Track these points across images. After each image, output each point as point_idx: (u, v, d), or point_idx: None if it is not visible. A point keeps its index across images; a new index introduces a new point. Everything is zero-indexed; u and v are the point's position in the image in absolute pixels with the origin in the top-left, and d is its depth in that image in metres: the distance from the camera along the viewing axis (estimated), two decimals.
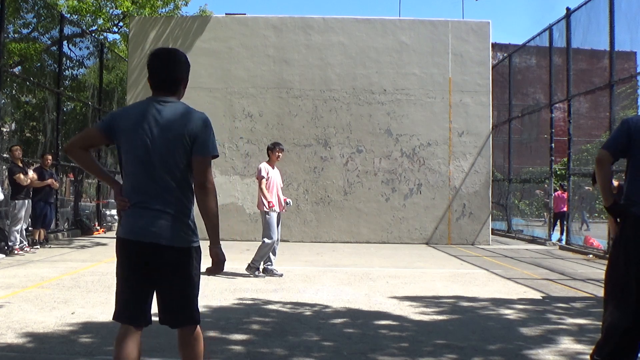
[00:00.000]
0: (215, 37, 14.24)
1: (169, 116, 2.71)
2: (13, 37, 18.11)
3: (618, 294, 3.31)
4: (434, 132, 14.17)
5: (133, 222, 2.70)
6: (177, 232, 2.69)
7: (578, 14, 12.73)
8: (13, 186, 10.15)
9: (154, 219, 2.67)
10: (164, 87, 2.79)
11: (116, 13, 20.49)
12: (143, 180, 2.70)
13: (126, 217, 2.74)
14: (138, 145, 2.69)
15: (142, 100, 2.83)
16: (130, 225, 2.71)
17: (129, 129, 2.72)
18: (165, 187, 2.69)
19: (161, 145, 2.68)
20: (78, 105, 18.97)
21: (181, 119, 2.72)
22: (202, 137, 2.70)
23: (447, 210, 14.07)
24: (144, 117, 2.72)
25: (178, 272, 2.72)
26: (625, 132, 3.38)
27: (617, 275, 3.35)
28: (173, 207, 2.69)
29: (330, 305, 6.01)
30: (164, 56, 2.84)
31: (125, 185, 2.77)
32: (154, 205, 2.68)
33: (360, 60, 14.28)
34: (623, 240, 3.34)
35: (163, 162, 2.68)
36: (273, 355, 4.14)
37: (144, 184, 2.70)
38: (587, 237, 12.89)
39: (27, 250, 10.30)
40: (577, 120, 16.55)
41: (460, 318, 5.54)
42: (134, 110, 2.79)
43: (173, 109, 2.74)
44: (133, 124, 2.72)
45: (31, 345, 4.24)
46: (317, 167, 14.15)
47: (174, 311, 2.76)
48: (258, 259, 7.99)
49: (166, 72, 2.79)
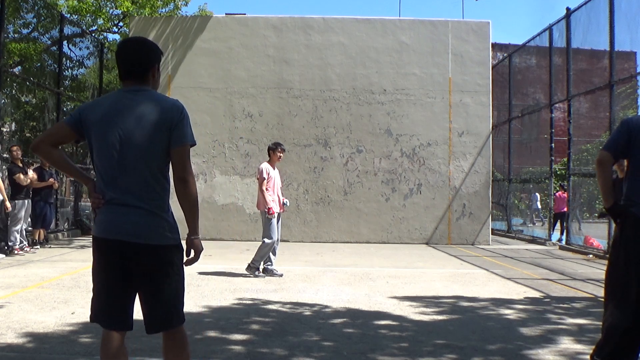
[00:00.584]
0: (215, 37, 14.24)
1: (142, 106, 2.59)
2: (13, 37, 18.10)
3: (618, 294, 3.31)
4: (434, 132, 14.17)
5: (108, 220, 2.57)
6: (154, 228, 2.57)
7: (578, 14, 12.73)
8: (13, 186, 10.14)
9: (129, 215, 2.54)
10: (133, 75, 2.67)
11: (116, 13, 20.48)
12: (117, 175, 2.57)
13: (101, 214, 2.61)
14: (110, 138, 2.56)
15: (112, 92, 2.74)
16: (105, 223, 2.58)
17: (100, 122, 2.59)
18: (140, 181, 2.56)
19: (135, 136, 2.55)
20: (78, 105, 18.97)
21: (156, 108, 2.60)
22: (179, 127, 2.59)
23: (447, 210, 14.08)
24: (115, 108, 2.61)
25: (159, 271, 2.59)
26: (625, 133, 3.38)
27: (617, 275, 3.35)
28: (149, 202, 2.57)
29: (330, 305, 6.01)
30: (131, 44, 2.78)
31: (98, 182, 2.64)
32: (129, 201, 2.55)
33: (360, 60, 14.28)
34: (623, 241, 3.34)
35: (137, 155, 2.55)
36: (273, 355, 4.14)
37: (118, 179, 2.57)
38: (587, 237, 12.89)
39: (27, 250, 10.30)
40: (577, 120, 16.55)
41: (460, 318, 5.54)
42: (104, 102, 2.67)
43: (146, 98, 2.63)
44: (103, 116, 2.60)
45: (31, 345, 4.24)
46: (317, 167, 14.15)
47: (159, 314, 2.62)
48: (258, 259, 7.99)
49: (134, 58, 2.68)
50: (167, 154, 2.61)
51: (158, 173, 2.60)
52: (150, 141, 2.56)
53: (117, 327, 2.62)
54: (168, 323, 2.65)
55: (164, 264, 2.61)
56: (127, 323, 2.65)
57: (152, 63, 2.72)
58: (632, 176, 3.40)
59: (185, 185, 2.60)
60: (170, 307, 2.64)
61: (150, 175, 2.58)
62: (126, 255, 2.56)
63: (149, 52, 2.73)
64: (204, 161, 14.00)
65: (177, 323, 2.67)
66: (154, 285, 2.61)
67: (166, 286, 2.62)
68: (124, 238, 2.54)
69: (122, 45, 2.76)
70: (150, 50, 2.74)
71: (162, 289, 2.62)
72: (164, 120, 2.58)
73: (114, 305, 2.61)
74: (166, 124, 2.58)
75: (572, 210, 13.54)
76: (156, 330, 2.66)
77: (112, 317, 2.62)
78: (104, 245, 2.60)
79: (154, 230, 2.57)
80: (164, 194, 2.63)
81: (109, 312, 2.62)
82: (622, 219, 3.38)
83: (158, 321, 2.64)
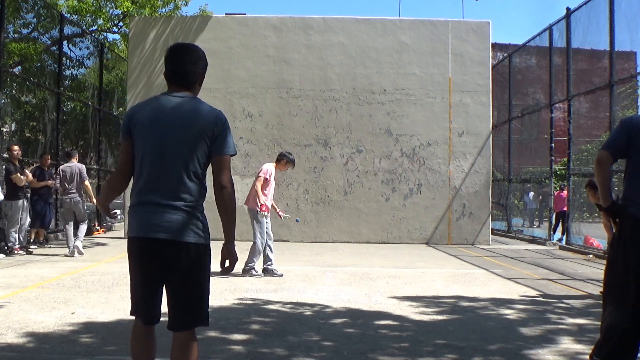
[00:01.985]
0: (215, 37, 14.24)
1: (186, 111, 2.67)
2: (13, 37, 18.11)
3: (617, 294, 3.31)
4: (434, 132, 14.17)
5: (144, 219, 2.64)
6: (188, 227, 2.62)
7: (578, 14, 12.73)
8: (9, 186, 10.07)
9: (164, 214, 2.60)
10: (178, 80, 2.75)
11: (116, 13, 20.50)
12: (155, 175, 2.64)
13: (137, 213, 2.68)
14: (153, 138, 2.65)
15: (157, 95, 2.80)
16: (141, 222, 2.65)
17: (144, 123, 2.68)
18: (178, 181, 2.63)
19: (177, 139, 2.63)
20: (78, 105, 18.97)
21: (200, 115, 2.67)
22: (221, 137, 2.67)
23: (447, 210, 14.07)
24: (160, 111, 2.69)
25: (188, 269, 2.64)
26: (625, 133, 3.38)
27: (616, 275, 3.35)
28: (186, 202, 2.63)
29: (330, 305, 6.01)
30: (180, 50, 2.81)
31: (136, 180, 2.71)
32: (165, 200, 2.61)
33: (360, 60, 14.28)
34: (622, 241, 3.34)
35: (177, 157, 2.63)
36: (273, 355, 4.14)
37: (157, 178, 2.64)
38: (587, 237, 12.89)
39: (27, 250, 10.28)
40: (577, 120, 16.54)
41: (460, 318, 5.54)
42: (149, 105, 2.76)
43: (192, 105, 2.71)
44: (147, 118, 2.69)
45: (31, 345, 4.24)
46: (317, 167, 14.15)
47: (184, 311, 2.66)
48: (250, 261, 7.99)
49: (181, 65, 2.75)
50: (206, 161, 2.70)
51: (195, 176, 2.66)
52: (191, 145, 2.64)
53: (145, 320, 2.72)
54: (197, 321, 2.69)
55: (194, 262, 2.65)
56: (154, 316, 2.74)
57: (199, 73, 2.81)
58: (630, 176, 3.40)
59: (225, 193, 2.66)
60: (198, 304, 2.68)
61: (187, 177, 2.64)
62: (159, 251, 2.62)
63: (197, 63, 2.79)
64: None
65: (203, 323, 2.71)
66: (184, 282, 2.65)
67: (196, 283, 2.68)
68: (158, 235, 2.60)
69: (172, 50, 2.81)
70: (201, 59, 2.81)
71: (192, 287, 2.67)
72: (208, 129, 2.65)
73: (144, 299, 2.70)
74: (210, 133, 2.66)
75: (571, 210, 13.53)
76: (181, 328, 2.67)
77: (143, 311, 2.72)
78: (138, 243, 2.66)
79: (188, 229, 2.63)
80: (199, 196, 2.69)
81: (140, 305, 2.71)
82: (620, 218, 3.39)
83: (185, 318, 2.67)
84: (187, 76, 2.76)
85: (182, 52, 2.80)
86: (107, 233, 15.56)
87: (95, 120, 16.37)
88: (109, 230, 16.41)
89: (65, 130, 17.62)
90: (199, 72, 2.80)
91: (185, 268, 2.64)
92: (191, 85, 2.78)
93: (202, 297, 2.70)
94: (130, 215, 2.73)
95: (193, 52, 2.81)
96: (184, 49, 2.82)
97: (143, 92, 14.12)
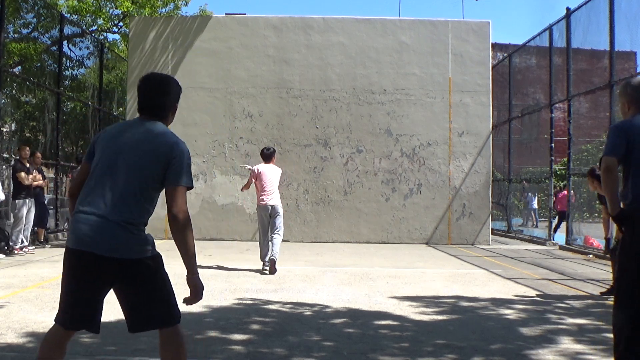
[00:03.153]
0: (215, 37, 14.24)
1: (147, 132, 2.70)
2: (13, 37, 18.12)
3: (626, 300, 3.30)
4: (434, 132, 14.17)
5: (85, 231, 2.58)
6: (133, 243, 2.60)
7: (578, 14, 12.72)
8: (15, 184, 10.11)
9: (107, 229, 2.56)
10: (149, 112, 2.79)
11: (116, 13, 20.51)
12: (104, 188, 2.62)
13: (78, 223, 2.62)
14: (109, 153, 2.68)
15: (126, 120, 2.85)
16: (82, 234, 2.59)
17: (105, 142, 2.74)
18: (125, 196, 2.61)
19: (132, 155, 2.65)
20: (78, 105, 18.99)
21: (159, 139, 2.68)
22: (176, 166, 2.64)
23: (447, 210, 14.07)
24: (122, 131, 2.76)
25: (141, 281, 2.64)
26: (623, 135, 3.38)
27: (629, 278, 3.33)
28: (130, 217, 2.60)
29: (330, 305, 6.01)
30: (153, 82, 2.83)
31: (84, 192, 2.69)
32: (111, 215, 2.58)
33: (360, 60, 14.27)
34: (635, 243, 3.31)
35: (130, 172, 2.63)
36: (273, 355, 4.14)
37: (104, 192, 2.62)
38: (587, 237, 12.89)
39: (26, 250, 10.27)
40: (577, 120, 16.55)
41: (460, 318, 5.54)
42: (114, 128, 2.83)
43: (154, 128, 2.73)
44: (109, 138, 2.75)
45: (31, 345, 4.24)
46: (317, 167, 14.15)
47: (148, 315, 2.66)
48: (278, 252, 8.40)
49: (153, 97, 2.79)
50: (159, 186, 2.68)
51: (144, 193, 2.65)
52: (145, 164, 2.64)
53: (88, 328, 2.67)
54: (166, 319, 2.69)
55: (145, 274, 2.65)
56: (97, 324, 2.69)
57: (172, 105, 2.84)
58: (635, 178, 3.38)
59: (179, 224, 2.60)
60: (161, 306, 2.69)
61: (136, 193, 2.63)
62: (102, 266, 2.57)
63: (170, 96, 2.82)
64: (204, 161, 13.99)
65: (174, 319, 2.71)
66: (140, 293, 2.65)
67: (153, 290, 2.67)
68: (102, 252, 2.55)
69: (144, 82, 2.82)
70: (172, 93, 2.83)
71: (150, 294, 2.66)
72: (164, 154, 2.65)
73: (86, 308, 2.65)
74: (165, 159, 2.64)
75: (571, 210, 13.53)
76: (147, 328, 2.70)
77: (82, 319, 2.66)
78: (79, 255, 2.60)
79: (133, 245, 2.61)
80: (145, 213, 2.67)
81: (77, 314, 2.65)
82: (629, 223, 3.36)
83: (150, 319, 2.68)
84: (158, 108, 2.79)
85: (156, 84, 2.82)
86: None
87: (95, 120, 16.37)
88: None
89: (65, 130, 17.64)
90: (171, 104, 2.83)
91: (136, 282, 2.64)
92: (163, 117, 2.81)
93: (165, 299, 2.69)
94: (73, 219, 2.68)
95: (166, 84, 2.82)
96: (156, 81, 2.83)
97: None
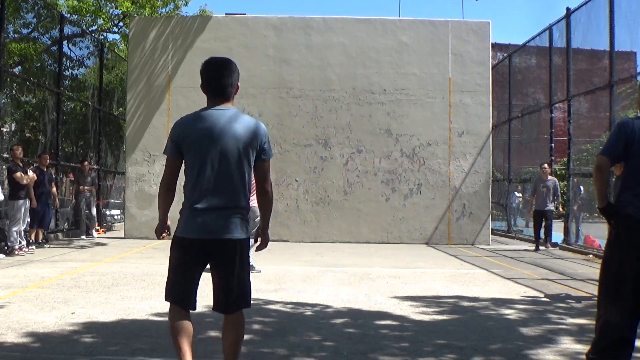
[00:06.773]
0: (215, 37, 14.23)
1: (238, 126, 3.02)
2: (13, 37, 18.12)
3: (612, 294, 3.34)
4: (434, 132, 14.17)
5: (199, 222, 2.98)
6: (238, 226, 3.03)
7: (578, 14, 12.72)
8: (11, 185, 10.09)
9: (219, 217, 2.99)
10: (218, 94, 3.08)
11: (116, 13, 20.52)
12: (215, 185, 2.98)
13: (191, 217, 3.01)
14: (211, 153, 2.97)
15: (203, 111, 3.06)
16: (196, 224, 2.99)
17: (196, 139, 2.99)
18: (233, 189, 3.01)
19: (232, 153, 2.98)
20: (78, 105, 18.99)
21: (249, 128, 3.04)
22: (267, 145, 3.10)
23: (447, 210, 14.07)
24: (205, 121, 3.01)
25: (238, 260, 3.05)
26: (622, 136, 3.39)
27: (611, 274, 3.38)
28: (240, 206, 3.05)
29: (331, 305, 6.01)
30: (217, 64, 3.11)
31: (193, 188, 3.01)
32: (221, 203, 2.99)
33: (360, 60, 14.27)
34: (618, 240, 3.36)
35: (234, 167, 2.99)
36: (274, 355, 4.14)
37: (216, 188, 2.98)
38: (587, 237, 12.89)
39: (25, 250, 10.28)
40: (577, 120, 16.52)
41: (461, 318, 5.54)
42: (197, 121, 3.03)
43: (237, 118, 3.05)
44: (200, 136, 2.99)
45: (31, 345, 4.24)
46: (317, 167, 14.15)
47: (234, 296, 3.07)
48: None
49: (220, 79, 3.07)
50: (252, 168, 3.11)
51: (248, 182, 3.09)
52: (245, 156, 3.03)
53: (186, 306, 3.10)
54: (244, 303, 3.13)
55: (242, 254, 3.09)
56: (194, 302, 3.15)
57: (236, 82, 3.16)
58: (627, 177, 3.43)
59: (267, 194, 3.18)
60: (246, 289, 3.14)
61: (242, 184, 3.05)
62: (210, 249, 3.03)
63: (234, 73, 3.13)
64: None
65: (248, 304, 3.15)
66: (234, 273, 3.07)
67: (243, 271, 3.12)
68: (213, 236, 3.00)
69: (212, 65, 3.12)
70: (236, 71, 3.15)
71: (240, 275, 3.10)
72: (258, 140, 3.06)
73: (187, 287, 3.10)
74: (259, 143, 3.07)
75: (571, 211, 13.52)
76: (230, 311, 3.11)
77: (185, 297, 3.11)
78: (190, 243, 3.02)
79: (238, 227, 3.05)
80: (246, 200, 3.11)
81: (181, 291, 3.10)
82: (615, 219, 3.40)
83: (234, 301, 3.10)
84: (225, 89, 3.09)
85: (220, 66, 3.11)
86: (107, 233, 15.57)
87: (95, 120, 16.38)
88: (108, 230, 16.42)
89: (65, 130, 17.63)
90: (235, 84, 3.13)
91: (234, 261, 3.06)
92: (229, 98, 3.11)
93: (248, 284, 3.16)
94: (189, 218, 3.02)
95: (229, 65, 3.13)
96: (221, 64, 3.12)
97: (143, 92, 14.13)
